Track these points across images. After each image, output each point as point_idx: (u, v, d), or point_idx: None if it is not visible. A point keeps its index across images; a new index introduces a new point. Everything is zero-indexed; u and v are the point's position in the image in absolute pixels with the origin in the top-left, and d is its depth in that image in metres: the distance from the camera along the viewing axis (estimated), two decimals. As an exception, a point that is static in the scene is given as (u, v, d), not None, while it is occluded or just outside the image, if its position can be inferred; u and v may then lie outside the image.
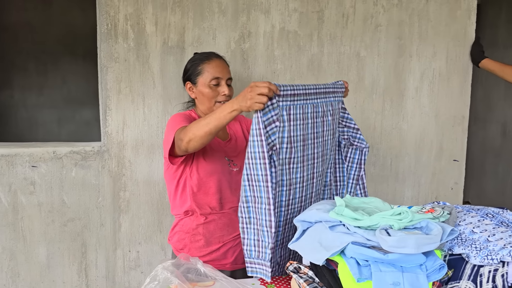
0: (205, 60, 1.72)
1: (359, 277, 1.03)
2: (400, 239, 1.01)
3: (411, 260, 1.04)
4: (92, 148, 2.10)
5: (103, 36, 2.04)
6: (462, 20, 2.35)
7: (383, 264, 1.05)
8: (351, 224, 1.16)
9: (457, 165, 2.47)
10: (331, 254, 1.10)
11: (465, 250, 1.05)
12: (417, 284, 0.99)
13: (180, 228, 1.73)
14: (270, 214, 1.27)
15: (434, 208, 1.18)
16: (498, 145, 4.37)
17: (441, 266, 1.03)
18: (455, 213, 1.18)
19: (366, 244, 1.09)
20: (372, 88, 2.32)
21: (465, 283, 1.01)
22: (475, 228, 1.10)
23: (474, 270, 1.02)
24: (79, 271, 2.16)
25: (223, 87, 1.69)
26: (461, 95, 2.41)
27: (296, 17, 2.19)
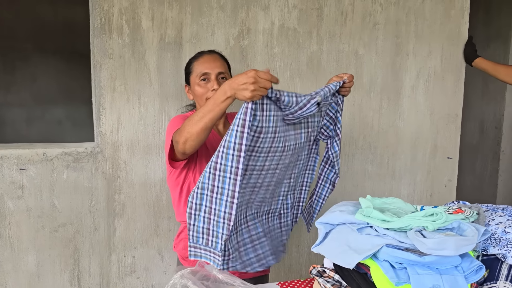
0: (195, 58, 1.68)
1: (398, 281, 1.00)
2: (440, 241, 0.99)
3: (448, 262, 1.02)
4: (85, 149, 1.99)
5: (96, 31, 1.94)
6: (456, 19, 2.38)
7: (419, 266, 1.03)
8: (380, 226, 1.13)
9: (451, 163, 2.50)
10: (364, 257, 1.07)
11: (501, 250, 1.05)
12: (457, 286, 0.98)
13: (186, 235, 1.65)
14: (232, 207, 1.22)
15: (463, 208, 1.17)
16: (475, 142, 4.49)
17: (479, 267, 1.02)
18: (483, 213, 1.18)
19: (400, 247, 1.06)
20: (370, 86, 2.31)
21: (503, 284, 1.01)
22: (507, 228, 1.10)
23: (511, 270, 1.02)
24: (71, 279, 2.05)
25: (211, 82, 1.59)
26: (455, 94, 2.44)
27: (296, 14, 2.16)
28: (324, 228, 1.25)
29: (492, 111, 4.31)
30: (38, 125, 5.77)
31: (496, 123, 4.28)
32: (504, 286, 1.00)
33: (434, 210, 1.10)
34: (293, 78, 2.20)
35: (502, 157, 4.25)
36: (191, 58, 1.72)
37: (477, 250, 1.10)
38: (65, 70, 5.74)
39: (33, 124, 5.77)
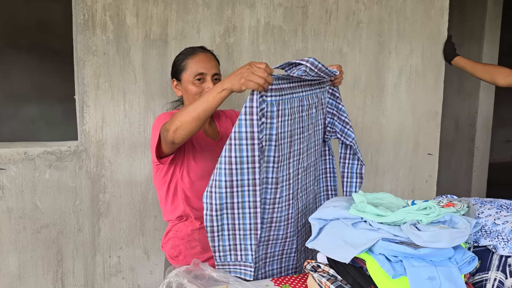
0: (189, 55, 1.64)
1: (394, 273, 1.02)
2: (435, 234, 1.01)
3: (442, 254, 1.05)
4: (68, 147, 1.94)
5: (79, 27, 1.89)
6: (436, 19, 2.44)
7: (414, 259, 1.05)
8: (374, 221, 1.15)
9: (431, 159, 2.56)
10: (360, 251, 1.09)
11: (492, 241, 1.08)
12: (451, 277, 1.00)
13: (174, 234, 1.64)
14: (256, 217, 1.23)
15: (453, 202, 1.20)
16: (451, 138, 4.62)
17: (471, 258, 1.05)
18: (473, 206, 1.22)
19: (395, 240, 1.08)
20: (354, 84, 2.34)
21: (495, 274, 1.04)
22: (497, 220, 1.13)
23: (502, 260, 1.05)
24: (55, 280, 2.00)
25: (207, 83, 1.59)
26: (435, 91, 2.51)
27: (281, 12, 2.16)
28: (318, 224, 1.26)
29: (466, 109, 4.44)
30: (11, 124, 5.60)
31: (470, 120, 4.41)
32: (495, 276, 1.03)
33: (427, 204, 1.12)
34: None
35: (476, 153, 4.39)
36: (183, 53, 1.68)
37: (469, 242, 1.13)
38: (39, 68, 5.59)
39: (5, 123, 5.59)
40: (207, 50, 1.69)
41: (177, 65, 1.67)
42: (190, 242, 1.61)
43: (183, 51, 1.70)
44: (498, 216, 1.15)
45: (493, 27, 4.21)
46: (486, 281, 1.05)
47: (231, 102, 2.12)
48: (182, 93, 1.66)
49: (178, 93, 1.68)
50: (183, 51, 1.70)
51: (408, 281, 1.00)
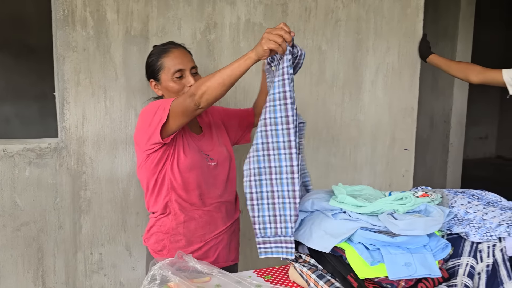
0: (163, 53, 1.63)
1: (372, 261, 1.06)
2: (410, 222, 1.06)
3: (417, 241, 1.10)
4: (48, 144, 1.93)
5: (59, 23, 1.88)
6: (412, 17, 2.51)
7: (391, 247, 1.10)
8: (353, 211, 1.20)
9: (407, 154, 2.64)
10: (340, 241, 1.13)
11: (464, 229, 1.14)
12: (426, 263, 1.05)
13: (158, 228, 1.65)
14: (294, 183, 1.17)
15: (428, 193, 1.26)
16: (426, 135, 4.74)
17: (445, 245, 1.10)
18: (446, 196, 1.27)
19: (373, 229, 1.13)
20: (333, 81, 2.39)
21: (466, 259, 1.09)
22: (468, 209, 1.19)
23: (473, 247, 1.11)
24: (35, 278, 1.98)
25: (187, 78, 1.60)
26: (411, 88, 2.58)
27: (261, 9, 2.19)
28: (300, 215, 1.29)
29: (441, 106, 4.57)
30: (-17, 123, 5.47)
31: (445, 117, 4.53)
32: (467, 261, 1.08)
33: (403, 194, 1.17)
34: (258, 73, 2.23)
35: (450, 149, 4.52)
36: (154, 53, 1.67)
37: (443, 230, 1.18)
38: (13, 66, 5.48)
39: (-22, 122, 5.47)
40: (178, 44, 1.69)
41: (152, 65, 1.66)
42: (175, 236, 1.62)
43: (153, 51, 1.69)
44: (470, 205, 1.21)
45: (467, 26, 4.34)
46: (458, 266, 1.10)
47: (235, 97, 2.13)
48: (162, 92, 1.66)
49: (159, 93, 1.68)
50: (153, 51, 1.69)
51: (385, 267, 1.05)
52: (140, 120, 1.57)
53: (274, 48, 1.23)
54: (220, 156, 1.69)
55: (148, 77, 1.69)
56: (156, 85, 1.66)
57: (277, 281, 1.33)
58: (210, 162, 1.65)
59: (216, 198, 1.66)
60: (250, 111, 1.89)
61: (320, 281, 1.18)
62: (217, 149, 1.71)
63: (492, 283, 1.03)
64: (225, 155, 1.69)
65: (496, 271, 1.04)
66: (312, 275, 1.20)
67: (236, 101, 2.22)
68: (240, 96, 2.22)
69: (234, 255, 1.75)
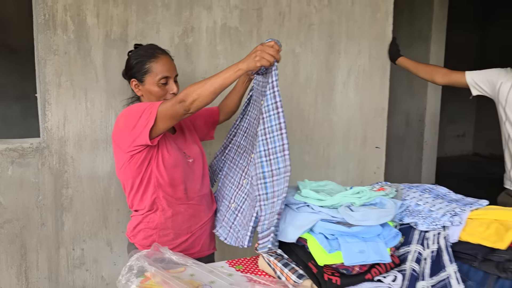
0: (151, 57, 1.69)
1: (330, 249, 1.17)
2: (364, 214, 1.17)
3: (371, 231, 1.21)
4: (30, 144, 2.00)
5: (40, 27, 1.95)
6: (382, 22, 2.63)
7: (348, 236, 1.20)
8: (315, 204, 1.30)
9: (379, 152, 2.76)
10: (302, 232, 1.24)
11: (414, 219, 1.25)
12: (378, 250, 1.17)
13: (145, 225, 1.70)
14: (287, 181, 1.33)
15: (384, 187, 1.37)
16: (402, 134, 4.90)
17: (396, 234, 1.22)
18: (400, 190, 1.39)
19: (332, 220, 1.24)
20: (306, 82, 2.50)
21: (415, 247, 1.21)
22: (419, 201, 1.31)
23: (421, 235, 1.22)
24: (19, 274, 2.05)
25: (171, 85, 1.69)
26: (381, 89, 2.70)
27: (237, 14, 2.29)
28: (268, 209, 1.40)
29: (416, 105, 4.73)
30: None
31: (419, 116, 4.70)
32: (415, 248, 1.20)
33: (359, 188, 1.28)
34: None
35: (425, 147, 4.69)
36: (142, 55, 1.70)
37: (395, 221, 1.30)
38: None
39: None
40: (164, 51, 1.76)
41: (137, 66, 1.69)
42: (163, 231, 1.69)
43: (141, 52, 1.72)
44: (421, 198, 1.33)
45: (440, 28, 4.50)
46: (408, 253, 1.22)
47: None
48: (142, 93, 1.72)
49: (139, 93, 1.73)
50: (141, 52, 1.72)
51: (342, 255, 1.15)
52: (122, 122, 1.63)
53: (266, 65, 1.39)
54: (194, 153, 1.79)
55: (129, 76, 1.73)
56: (138, 85, 1.71)
57: (247, 270, 1.43)
58: (188, 158, 1.75)
59: (197, 192, 1.75)
60: (215, 110, 2.00)
61: (285, 268, 1.28)
62: (191, 146, 1.80)
63: (436, 266, 1.15)
64: (198, 152, 1.79)
65: (440, 256, 1.15)
66: (278, 263, 1.31)
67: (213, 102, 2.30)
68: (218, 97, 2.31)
69: (213, 244, 1.87)
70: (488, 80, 2.21)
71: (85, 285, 2.17)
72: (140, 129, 1.55)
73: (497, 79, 2.16)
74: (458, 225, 1.17)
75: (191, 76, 2.23)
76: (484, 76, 2.22)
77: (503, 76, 2.15)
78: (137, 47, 1.80)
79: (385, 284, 1.15)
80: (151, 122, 1.53)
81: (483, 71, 2.25)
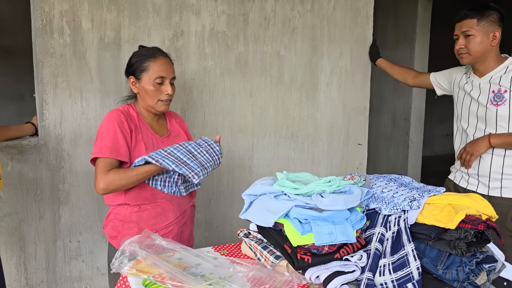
0: (151, 57, 1.74)
1: (303, 231, 1.30)
2: (332, 199, 1.31)
3: (340, 215, 1.34)
4: (28, 142, 2.12)
5: (38, 31, 2.07)
6: (362, 25, 2.77)
7: (319, 220, 1.34)
8: (291, 193, 1.44)
9: (361, 148, 2.90)
10: (279, 217, 1.37)
11: (378, 205, 1.38)
12: (345, 232, 1.30)
13: (114, 216, 1.77)
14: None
15: (354, 177, 1.51)
16: (389, 132, 5.05)
17: (362, 218, 1.35)
18: (369, 180, 1.52)
19: (306, 206, 1.37)
20: (291, 83, 2.64)
21: (379, 229, 1.34)
22: (384, 189, 1.44)
23: (384, 219, 1.36)
24: (18, 265, 2.17)
25: (166, 86, 1.74)
26: (363, 89, 2.84)
27: (224, 19, 2.42)
28: (249, 199, 1.53)
29: (402, 105, 4.88)
30: None
31: (405, 115, 4.85)
32: (379, 230, 1.33)
33: (331, 178, 1.42)
34: (223, 76, 2.47)
35: (410, 145, 4.84)
36: (143, 54, 1.76)
37: (362, 207, 1.43)
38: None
39: None
40: (165, 53, 1.80)
41: (137, 64, 1.75)
42: (128, 224, 1.74)
43: (142, 52, 1.78)
44: (386, 186, 1.46)
45: (424, 31, 4.66)
46: (373, 235, 1.35)
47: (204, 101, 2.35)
48: (138, 91, 1.77)
49: (135, 90, 1.77)
50: (142, 52, 1.78)
51: (313, 236, 1.29)
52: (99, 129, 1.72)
53: None
54: None
55: (128, 73, 1.78)
56: (135, 82, 1.76)
57: (231, 254, 1.56)
58: None
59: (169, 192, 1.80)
60: None
61: (264, 251, 1.41)
62: None
63: (396, 246, 1.28)
64: None
65: (400, 237, 1.28)
66: (258, 247, 1.44)
67: (202, 102, 2.44)
68: (206, 97, 2.45)
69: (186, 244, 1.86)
70: (447, 79, 2.33)
71: (81, 275, 2.30)
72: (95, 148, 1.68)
73: (454, 77, 2.28)
74: (417, 209, 1.30)
75: (181, 77, 2.37)
76: (444, 75, 2.36)
77: (459, 74, 2.25)
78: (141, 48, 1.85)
79: (352, 263, 1.28)
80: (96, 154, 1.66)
81: (445, 70, 2.38)
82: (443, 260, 1.22)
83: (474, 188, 2.12)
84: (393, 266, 1.25)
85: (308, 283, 1.30)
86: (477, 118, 2.10)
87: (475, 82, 2.11)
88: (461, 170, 2.20)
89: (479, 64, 2.09)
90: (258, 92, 2.57)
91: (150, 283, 1.32)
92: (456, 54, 2.12)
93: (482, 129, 2.08)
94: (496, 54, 2.07)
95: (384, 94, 5.07)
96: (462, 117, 2.19)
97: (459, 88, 2.22)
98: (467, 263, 1.19)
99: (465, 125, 2.17)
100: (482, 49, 2.03)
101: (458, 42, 2.09)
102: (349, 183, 1.43)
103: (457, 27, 2.10)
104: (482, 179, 2.09)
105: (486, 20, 2.00)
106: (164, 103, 1.76)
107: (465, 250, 1.19)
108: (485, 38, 2.02)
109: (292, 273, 1.31)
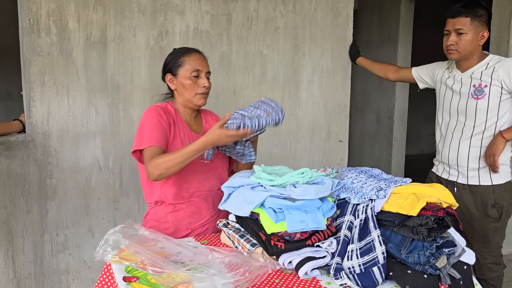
0: (186, 53, 1.79)
1: (276, 219, 1.38)
2: (304, 189, 1.39)
3: (312, 205, 1.42)
4: (16, 138, 2.18)
5: (25, 31, 2.13)
6: (343, 25, 2.86)
7: (292, 209, 1.42)
8: (267, 184, 1.52)
9: (342, 145, 2.99)
10: (254, 206, 1.44)
11: (348, 194, 1.47)
12: (316, 219, 1.38)
13: (151, 216, 1.80)
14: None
15: (327, 169, 1.59)
16: (373, 130, 5.16)
17: (332, 207, 1.44)
18: (341, 172, 1.61)
19: (280, 197, 1.45)
20: (273, 81, 2.72)
21: (348, 217, 1.43)
22: (354, 180, 1.53)
23: (353, 208, 1.44)
24: (6, 258, 2.22)
25: (203, 79, 1.76)
26: (343, 87, 2.94)
27: (208, 19, 2.50)
28: (228, 190, 1.61)
29: (386, 103, 4.98)
30: None
31: (389, 113, 4.95)
32: (348, 218, 1.42)
33: (304, 169, 1.50)
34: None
35: (394, 143, 4.94)
36: (178, 51, 1.80)
37: (334, 197, 1.52)
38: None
39: None
40: (199, 51, 1.84)
41: (172, 61, 1.79)
42: (164, 224, 1.77)
43: (177, 50, 1.83)
44: (356, 178, 1.55)
45: (406, 31, 4.77)
46: (342, 223, 1.43)
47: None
48: (176, 87, 1.79)
49: (173, 87, 1.80)
50: (177, 50, 1.83)
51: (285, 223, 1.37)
52: (139, 124, 1.74)
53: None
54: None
55: (165, 71, 1.81)
56: (172, 79, 1.78)
57: (211, 244, 1.64)
58: (204, 159, 1.76)
59: (204, 191, 1.81)
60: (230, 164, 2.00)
61: (241, 239, 1.49)
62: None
63: (364, 232, 1.36)
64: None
65: (367, 224, 1.37)
66: (236, 235, 1.52)
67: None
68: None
69: None
70: (430, 73, 2.43)
71: (68, 268, 2.36)
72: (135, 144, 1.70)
73: (437, 71, 2.38)
74: (383, 198, 1.39)
75: (166, 76, 2.43)
76: (427, 69, 2.45)
77: (441, 69, 2.35)
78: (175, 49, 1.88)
79: (323, 249, 1.37)
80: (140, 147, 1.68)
81: (427, 65, 2.47)
82: (406, 245, 1.31)
83: (455, 179, 2.24)
84: (360, 251, 1.34)
85: (282, 268, 1.38)
86: (457, 112, 2.20)
87: (457, 76, 2.21)
88: (443, 162, 2.31)
89: (464, 61, 2.17)
90: (241, 90, 2.65)
91: (133, 269, 1.39)
92: (445, 50, 2.17)
93: (462, 121, 2.18)
94: (480, 52, 2.16)
95: (369, 93, 5.18)
96: (444, 110, 2.28)
97: (441, 82, 2.31)
98: (428, 248, 1.28)
99: (446, 117, 2.26)
100: (471, 47, 2.11)
101: (449, 38, 2.13)
102: (321, 175, 1.52)
103: (449, 23, 2.13)
104: (461, 169, 2.20)
105: (478, 20, 2.07)
106: (202, 96, 1.78)
107: (426, 235, 1.28)
108: (475, 38, 2.09)
109: (267, 259, 1.39)
